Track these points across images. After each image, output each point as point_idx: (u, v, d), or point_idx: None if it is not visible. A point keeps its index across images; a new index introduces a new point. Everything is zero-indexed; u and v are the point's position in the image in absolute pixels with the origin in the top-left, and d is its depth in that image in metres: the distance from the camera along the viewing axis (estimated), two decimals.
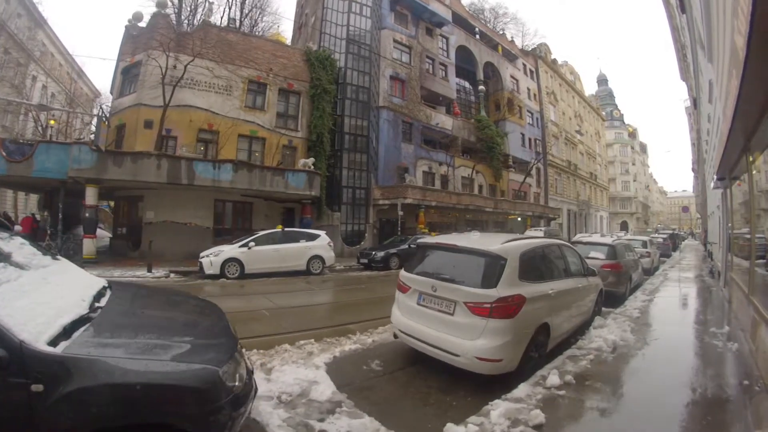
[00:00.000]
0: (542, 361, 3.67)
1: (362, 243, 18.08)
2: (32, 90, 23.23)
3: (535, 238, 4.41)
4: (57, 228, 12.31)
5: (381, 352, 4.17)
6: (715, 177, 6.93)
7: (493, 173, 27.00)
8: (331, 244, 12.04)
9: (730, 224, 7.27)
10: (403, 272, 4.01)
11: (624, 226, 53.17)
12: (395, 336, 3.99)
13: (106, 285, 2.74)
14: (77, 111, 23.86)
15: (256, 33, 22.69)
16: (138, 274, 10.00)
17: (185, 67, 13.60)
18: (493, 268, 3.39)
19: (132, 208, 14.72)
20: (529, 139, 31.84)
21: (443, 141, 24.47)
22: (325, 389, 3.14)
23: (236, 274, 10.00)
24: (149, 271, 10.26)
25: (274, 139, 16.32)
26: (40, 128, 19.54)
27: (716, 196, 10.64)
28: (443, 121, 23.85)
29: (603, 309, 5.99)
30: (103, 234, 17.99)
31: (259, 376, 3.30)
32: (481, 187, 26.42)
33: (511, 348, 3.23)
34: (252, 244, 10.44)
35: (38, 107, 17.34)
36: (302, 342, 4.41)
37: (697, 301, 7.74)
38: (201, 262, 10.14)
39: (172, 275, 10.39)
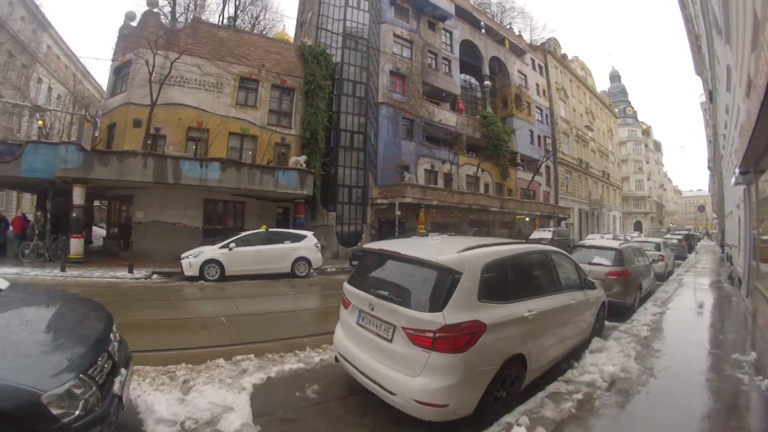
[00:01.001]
0: (514, 401, 2.89)
1: (359, 244, 17.47)
2: (38, 92, 23.45)
3: (511, 243, 3.57)
4: (45, 228, 12.14)
5: (324, 375, 3.54)
6: (737, 171, 6.05)
7: (500, 171, 25.96)
8: (319, 245, 11.49)
9: (754, 225, 6.36)
10: (345, 284, 3.32)
11: (638, 227, 51.35)
12: (336, 359, 3.31)
13: (1, 288, 2.63)
14: (82, 113, 23.93)
15: (258, 31, 22.32)
16: (118, 275, 9.71)
17: (171, 64, 13.29)
18: (442, 284, 2.62)
19: (123, 208, 14.54)
20: (538, 137, 30.72)
21: (446, 138, 23.58)
22: (236, 419, 2.65)
23: (216, 276, 9.58)
24: (130, 271, 9.93)
25: (266, 137, 15.85)
26: (44, 130, 19.62)
27: (736, 194, 9.64)
28: (447, 117, 23.03)
29: (607, 323, 5.18)
30: (101, 233, 17.93)
31: (174, 396, 2.95)
32: (487, 185, 25.47)
33: (463, 390, 2.48)
34: (233, 245, 9.97)
35: (34, 108, 17.36)
36: (240, 357, 3.87)
37: (716, 315, 6.77)
38: (182, 263, 9.74)
39: (154, 276, 10.11)
